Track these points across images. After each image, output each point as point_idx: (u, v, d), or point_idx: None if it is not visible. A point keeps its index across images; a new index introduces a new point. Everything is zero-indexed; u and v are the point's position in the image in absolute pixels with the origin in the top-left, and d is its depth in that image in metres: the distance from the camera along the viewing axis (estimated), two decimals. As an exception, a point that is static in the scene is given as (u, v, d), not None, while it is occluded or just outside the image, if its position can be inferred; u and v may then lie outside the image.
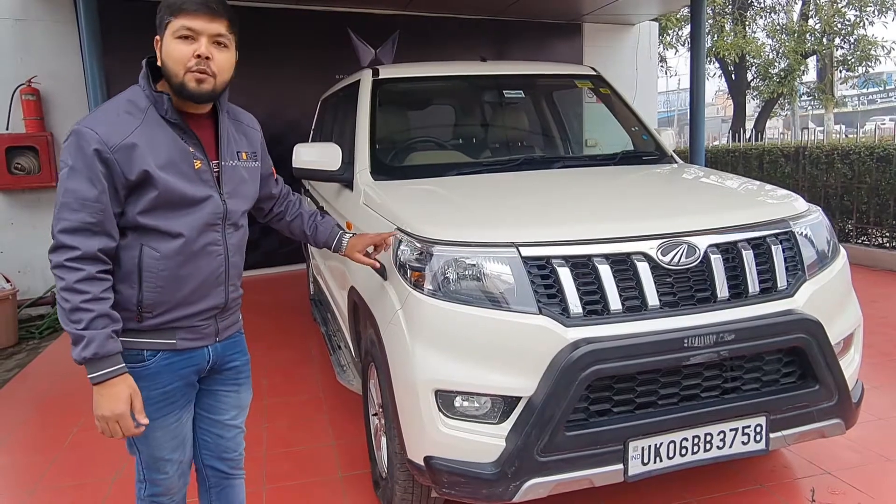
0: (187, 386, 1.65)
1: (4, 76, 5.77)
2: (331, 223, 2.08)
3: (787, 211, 2.26)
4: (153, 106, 1.51)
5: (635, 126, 3.42)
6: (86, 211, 1.41)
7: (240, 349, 1.78)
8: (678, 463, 1.97)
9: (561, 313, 1.89)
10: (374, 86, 3.22)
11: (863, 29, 14.33)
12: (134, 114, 1.48)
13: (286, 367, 4.14)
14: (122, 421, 1.46)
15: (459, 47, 7.41)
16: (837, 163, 6.70)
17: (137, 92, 1.53)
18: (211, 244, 1.57)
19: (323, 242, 2.06)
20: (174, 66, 1.47)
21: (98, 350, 1.41)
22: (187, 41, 1.47)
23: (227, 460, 1.81)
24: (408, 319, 2.00)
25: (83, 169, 1.41)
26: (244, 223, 1.70)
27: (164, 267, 1.50)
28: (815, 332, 2.02)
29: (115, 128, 1.44)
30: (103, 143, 1.41)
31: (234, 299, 1.69)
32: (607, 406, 1.93)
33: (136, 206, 1.47)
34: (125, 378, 1.47)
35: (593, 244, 1.96)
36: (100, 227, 1.43)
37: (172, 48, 1.47)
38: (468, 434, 1.92)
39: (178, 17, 1.46)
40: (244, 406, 1.83)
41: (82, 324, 1.40)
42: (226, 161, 1.62)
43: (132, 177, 1.44)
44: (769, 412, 2.03)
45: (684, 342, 1.90)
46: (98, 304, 1.42)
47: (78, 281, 1.40)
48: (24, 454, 3.15)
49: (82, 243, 1.41)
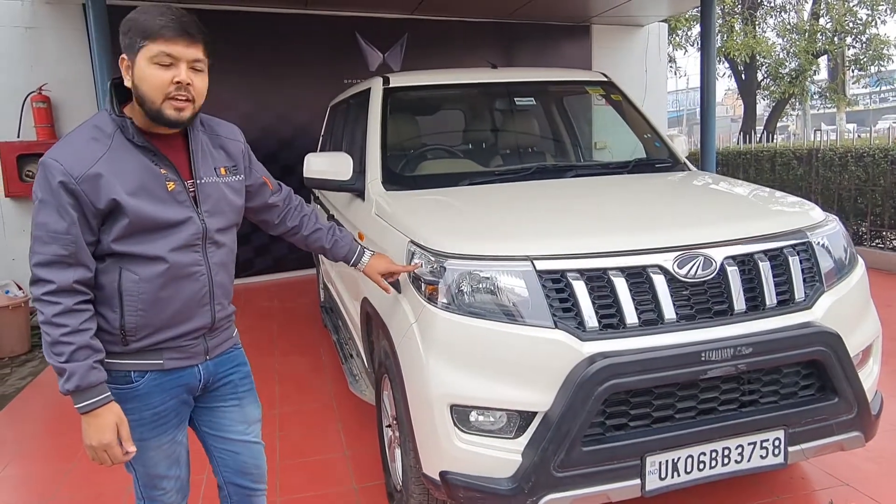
0: (180, 405, 1.63)
1: (15, 84, 5.81)
2: (350, 237, 2.06)
3: (803, 221, 2.24)
4: (120, 130, 1.47)
5: (647, 133, 3.40)
6: (57, 243, 1.40)
7: (236, 363, 1.74)
8: (696, 478, 1.95)
9: (577, 327, 1.88)
10: (384, 94, 3.21)
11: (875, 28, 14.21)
12: (100, 140, 1.45)
13: (298, 375, 4.14)
14: (109, 450, 1.46)
15: (468, 51, 7.40)
16: (851, 165, 6.64)
17: (104, 117, 1.50)
18: (191, 265, 1.53)
19: (342, 257, 2.04)
20: (152, 93, 1.44)
21: (80, 382, 1.41)
22: (165, 67, 1.43)
23: (248, 475, 1.78)
24: (422, 333, 2.00)
25: (51, 201, 1.39)
26: (227, 240, 1.64)
27: (144, 290, 1.48)
28: (834, 345, 1.99)
29: (79, 157, 1.41)
30: (68, 174, 1.39)
31: (222, 318, 1.65)
32: (624, 420, 1.92)
33: (110, 234, 1.45)
34: (111, 407, 1.46)
35: (609, 257, 1.95)
36: (73, 258, 1.41)
37: (149, 74, 1.43)
38: (484, 449, 1.91)
39: (156, 41, 1.42)
40: (251, 420, 1.78)
41: (63, 356, 1.39)
42: (201, 179, 1.57)
43: (101, 206, 1.41)
44: (788, 425, 2.01)
45: (702, 356, 1.88)
46: (78, 336, 1.41)
47: (56, 315, 1.39)
48: (41, 464, 3.16)
49: (57, 276, 1.40)
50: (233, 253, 1.69)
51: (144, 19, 1.43)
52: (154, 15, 1.43)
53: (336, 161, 2.92)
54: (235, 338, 1.77)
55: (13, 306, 5.12)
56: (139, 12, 1.45)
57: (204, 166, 1.59)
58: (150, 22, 1.42)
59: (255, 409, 1.81)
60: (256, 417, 1.81)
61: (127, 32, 1.44)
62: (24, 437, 3.45)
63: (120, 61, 1.47)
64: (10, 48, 5.85)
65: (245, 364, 1.79)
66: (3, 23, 5.84)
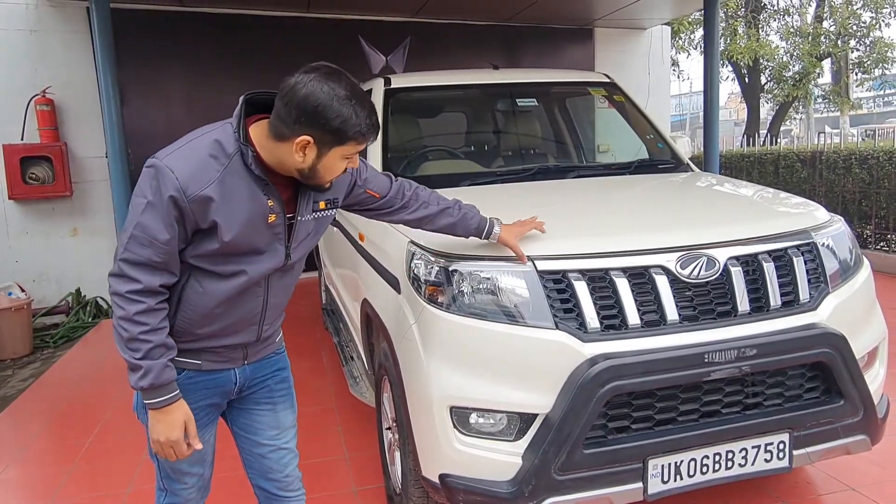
0: (211, 406, 1.62)
1: (19, 86, 5.82)
2: (476, 213, 1.96)
3: (808, 221, 2.21)
4: (240, 154, 1.42)
5: (650, 134, 3.38)
6: (153, 249, 1.38)
7: (276, 367, 1.73)
8: (699, 481, 1.93)
9: (578, 328, 1.86)
10: (386, 95, 3.21)
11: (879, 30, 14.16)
12: (219, 158, 1.40)
13: (299, 377, 4.04)
14: (176, 446, 1.47)
15: (470, 53, 7.39)
16: (855, 167, 6.60)
17: (228, 133, 1.43)
18: (253, 286, 1.52)
19: (473, 231, 1.95)
20: (328, 177, 1.47)
21: (155, 380, 1.41)
22: (348, 159, 1.45)
23: (273, 481, 1.75)
24: (422, 334, 1.98)
25: (160, 209, 1.36)
26: (298, 266, 1.63)
27: (202, 303, 1.47)
28: (840, 347, 1.97)
29: (196, 174, 1.37)
30: (181, 190, 1.36)
31: (268, 336, 1.65)
32: (626, 423, 1.89)
33: (196, 249, 1.44)
34: (180, 405, 1.47)
35: (610, 257, 1.93)
36: (164, 265, 1.41)
37: (337, 166, 1.44)
38: (484, 451, 1.89)
39: (360, 144, 1.42)
40: (285, 426, 1.75)
41: (140, 353, 1.39)
42: (302, 217, 1.54)
43: (204, 225, 1.40)
44: (792, 428, 1.98)
45: (705, 357, 1.85)
46: (156, 335, 1.40)
47: (138, 313, 1.39)
48: (41, 466, 3.15)
49: (145, 278, 1.39)
50: (298, 275, 1.67)
51: (356, 123, 1.38)
52: (364, 117, 1.39)
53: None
54: (279, 343, 1.76)
55: (16, 308, 5.12)
56: (347, 106, 1.36)
57: (307, 205, 1.55)
58: (361, 127, 1.39)
59: (290, 414, 1.78)
60: (290, 423, 1.78)
61: (331, 130, 1.37)
62: (25, 439, 3.44)
63: (299, 141, 1.37)
64: (14, 50, 5.87)
65: (285, 369, 1.77)
66: (8, 25, 5.85)
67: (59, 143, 5.92)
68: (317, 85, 1.36)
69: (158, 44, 6.40)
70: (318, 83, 1.36)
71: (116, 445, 3.27)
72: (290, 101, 1.36)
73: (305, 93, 1.35)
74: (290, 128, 1.38)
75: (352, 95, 1.38)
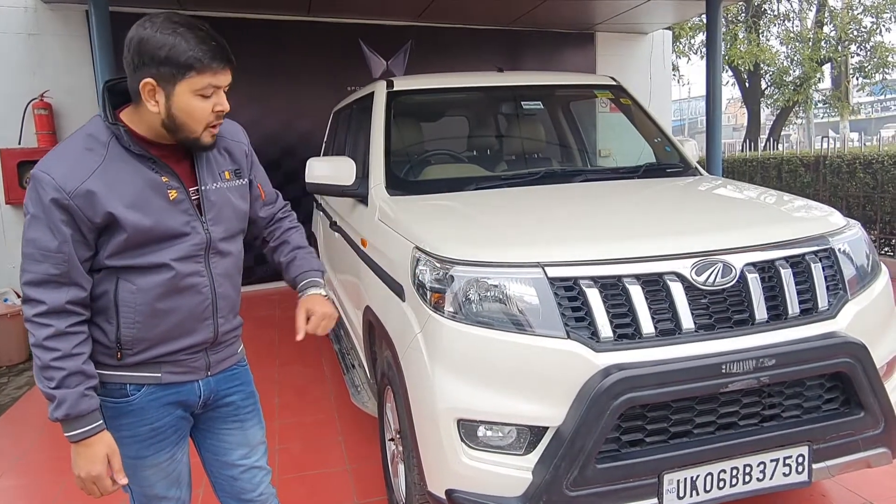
0: (178, 420, 1.53)
1: (17, 90, 5.76)
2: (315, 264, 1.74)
3: (825, 226, 2.15)
4: (115, 138, 1.36)
5: (657, 137, 3.32)
6: (48, 262, 1.31)
7: (239, 382, 1.63)
8: (716, 497, 1.85)
9: (590, 337, 1.79)
10: (388, 98, 3.14)
11: (879, 35, 14.15)
12: (95, 149, 1.34)
13: (299, 385, 4.05)
14: (98, 482, 1.38)
15: (472, 57, 7.34)
16: (859, 171, 6.55)
17: (98, 124, 1.38)
18: (192, 275, 1.43)
19: (288, 279, 1.74)
20: (193, 124, 1.37)
21: (70, 411, 1.32)
22: (207, 98, 1.36)
23: (247, 501, 1.67)
24: (428, 343, 1.91)
25: (43, 217, 1.30)
26: (233, 249, 1.54)
27: (141, 301, 1.39)
28: (860, 356, 1.90)
29: (72, 170, 1.31)
30: (60, 189, 1.29)
31: (227, 332, 1.55)
32: (640, 436, 1.82)
33: (106, 249, 1.36)
34: (102, 437, 1.37)
35: (623, 264, 1.86)
36: (65, 277, 1.32)
37: (193, 106, 1.35)
38: (492, 466, 1.81)
39: (203, 74, 1.33)
40: (253, 444, 1.67)
41: (54, 382, 1.31)
42: (206, 186, 1.47)
43: (97, 220, 1.32)
44: (812, 441, 1.91)
45: (722, 368, 1.78)
46: (69, 362, 1.32)
47: (47, 338, 1.31)
48: (36, 476, 3.08)
49: (48, 297, 1.32)
50: (239, 262, 1.58)
51: (185, 48, 1.30)
52: (193, 42, 1.31)
53: (338, 165, 2.85)
54: (241, 354, 1.67)
55: (11, 314, 5.04)
56: (170, 34, 1.30)
57: (209, 172, 1.49)
58: (193, 52, 1.31)
59: (258, 431, 1.69)
60: (259, 440, 1.69)
61: (161, 61, 1.30)
62: (20, 447, 3.36)
63: (142, 86, 1.32)
64: (12, 54, 5.80)
65: (249, 384, 1.68)
66: (6, 29, 5.79)
67: (57, 147, 5.85)
68: (141, 25, 1.33)
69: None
70: (144, 23, 1.33)
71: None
72: (125, 52, 1.33)
73: (131, 35, 1.33)
74: (133, 79, 1.34)
75: (179, 25, 1.32)
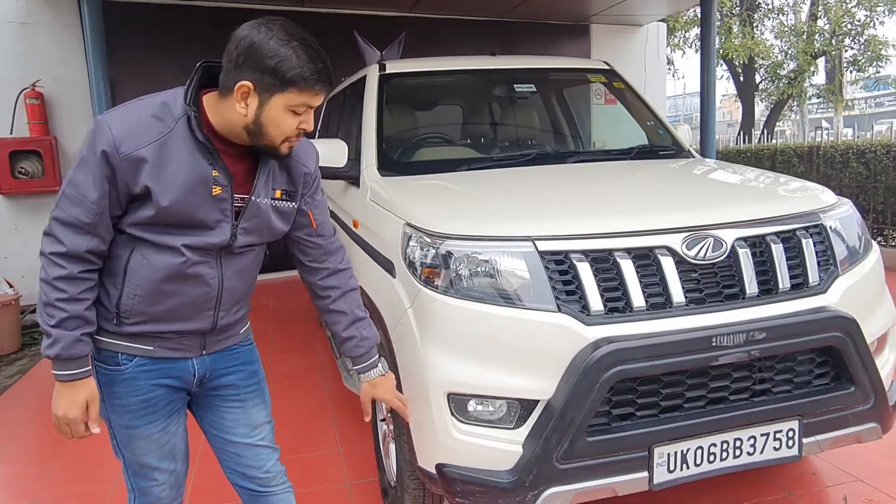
0: (171, 393, 1.51)
1: (9, 80, 5.72)
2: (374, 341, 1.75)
3: (816, 203, 2.15)
4: (186, 118, 1.35)
5: (650, 120, 3.31)
6: (82, 208, 1.31)
7: (240, 361, 1.61)
8: (706, 470, 1.85)
9: (581, 311, 1.79)
10: (381, 80, 3.13)
11: (873, 29, 14.17)
12: (164, 120, 1.33)
13: (292, 372, 4.04)
14: (73, 425, 1.40)
15: (466, 48, 7.28)
16: (853, 162, 6.57)
17: (178, 95, 1.36)
18: (201, 264, 1.41)
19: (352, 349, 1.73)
20: (276, 135, 1.35)
21: (62, 352, 1.34)
22: (297, 115, 1.35)
23: (252, 478, 1.65)
24: (418, 318, 1.90)
25: (92, 164, 1.30)
26: (253, 251, 1.53)
27: (147, 276, 1.38)
28: (851, 331, 1.90)
29: (133, 133, 1.30)
30: (114, 146, 1.28)
31: (227, 324, 1.53)
32: (631, 409, 1.82)
33: (131, 216, 1.35)
34: (87, 382, 1.39)
35: (614, 238, 1.85)
36: (92, 227, 1.33)
37: (282, 119, 1.33)
38: (483, 440, 1.81)
39: (304, 92, 1.31)
40: (256, 424, 1.65)
41: (53, 320, 1.33)
42: (258, 197, 1.45)
43: (135, 189, 1.31)
44: (802, 416, 1.91)
45: (712, 341, 1.78)
46: (73, 305, 1.33)
47: (57, 278, 1.32)
48: (26, 462, 3.06)
49: (70, 240, 1.32)
50: (257, 260, 1.56)
51: (295, 64, 1.28)
52: (305, 59, 1.30)
53: (330, 147, 2.83)
54: (244, 334, 1.65)
55: (4, 304, 5.02)
56: (284, 46, 1.28)
57: (264, 186, 1.46)
58: (301, 69, 1.29)
59: (261, 411, 1.67)
60: (262, 420, 1.67)
61: (267, 70, 1.28)
62: (9, 436, 3.35)
63: (238, 87, 1.30)
64: (3, 44, 5.77)
65: (252, 363, 1.66)
66: (-3, 18, 5.76)
67: (49, 137, 5.82)
68: (257, 27, 1.31)
69: (151, 37, 6.30)
70: (260, 26, 1.31)
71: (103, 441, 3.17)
72: (231, 48, 1.31)
73: (243, 34, 1.31)
74: (231, 76, 1.32)
75: (294, 38, 1.31)
